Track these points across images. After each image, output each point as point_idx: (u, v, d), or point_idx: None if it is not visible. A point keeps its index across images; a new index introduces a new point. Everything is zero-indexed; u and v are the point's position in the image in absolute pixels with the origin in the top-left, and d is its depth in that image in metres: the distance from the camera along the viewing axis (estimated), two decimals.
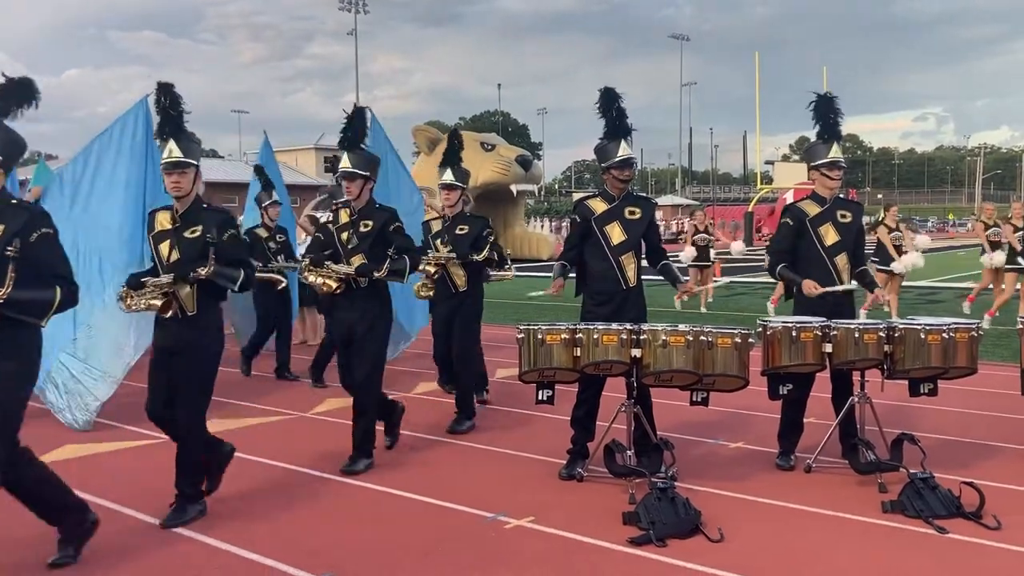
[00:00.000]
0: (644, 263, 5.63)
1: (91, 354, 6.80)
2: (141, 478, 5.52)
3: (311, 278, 5.64)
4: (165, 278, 4.60)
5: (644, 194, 7.05)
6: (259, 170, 9.36)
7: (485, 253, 6.98)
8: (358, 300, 5.58)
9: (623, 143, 5.46)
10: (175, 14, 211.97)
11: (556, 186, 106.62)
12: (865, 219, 7.14)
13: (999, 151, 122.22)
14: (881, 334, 5.18)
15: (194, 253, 4.60)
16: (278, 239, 9.01)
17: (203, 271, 4.52)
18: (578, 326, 5.09)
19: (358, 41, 72.32)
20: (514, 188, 29.95)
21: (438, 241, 7.08)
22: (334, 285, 5.54)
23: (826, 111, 5.69)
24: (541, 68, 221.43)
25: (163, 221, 4.78)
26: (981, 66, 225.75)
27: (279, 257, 8.92)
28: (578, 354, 5.05)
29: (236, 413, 7.43)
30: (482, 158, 28.97)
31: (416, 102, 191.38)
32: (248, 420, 7.18)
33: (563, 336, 5.05)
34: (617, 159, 5.43)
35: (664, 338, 4.95)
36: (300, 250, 10.21)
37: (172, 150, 4.66)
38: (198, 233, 4.63)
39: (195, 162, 4.74)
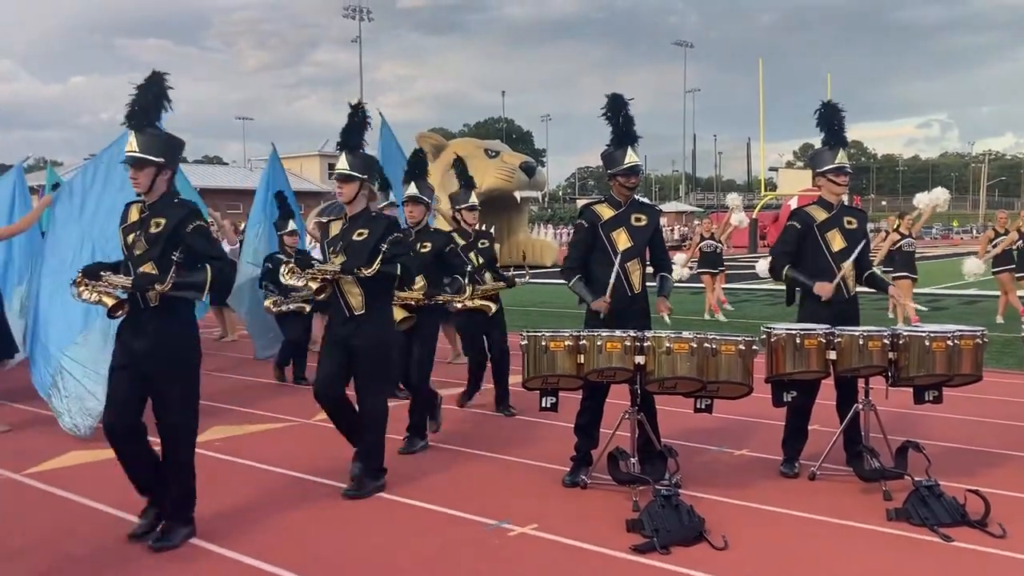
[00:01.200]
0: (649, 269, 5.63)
1: (93, 357, 6.77)
2: None
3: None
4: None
5: (649, 201, 6.99)
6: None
7: (376, 267, 5.21)
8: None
9: (630, 150, 5.45)
10: (181, 22, 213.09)
11: (560, 193, 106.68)
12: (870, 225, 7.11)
13: (1003, 158, 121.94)
14: (885, 341, 5.17)
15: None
16: None
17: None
18: (582, 333, 5.09)
19: (362, 48, 72.52)
20: (518, 195, 29.95)
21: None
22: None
23: (831, 118, 5.70)
24: (545, 75, 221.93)
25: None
26: (985, 73, 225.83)
27: None
28: (582, 361, 5.04)
29: (239, 420, 7.43)
30: (486, 165, 28.99)
31: (420, 109, 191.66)
32: (251, 427, 7.18)
33: (567, 343, 5.05)
34: (624, 166, 5.43)
35: (668, 345, 4.95)
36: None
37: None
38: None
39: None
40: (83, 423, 6.65)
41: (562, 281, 5.71)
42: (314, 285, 5.25)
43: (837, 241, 5.57)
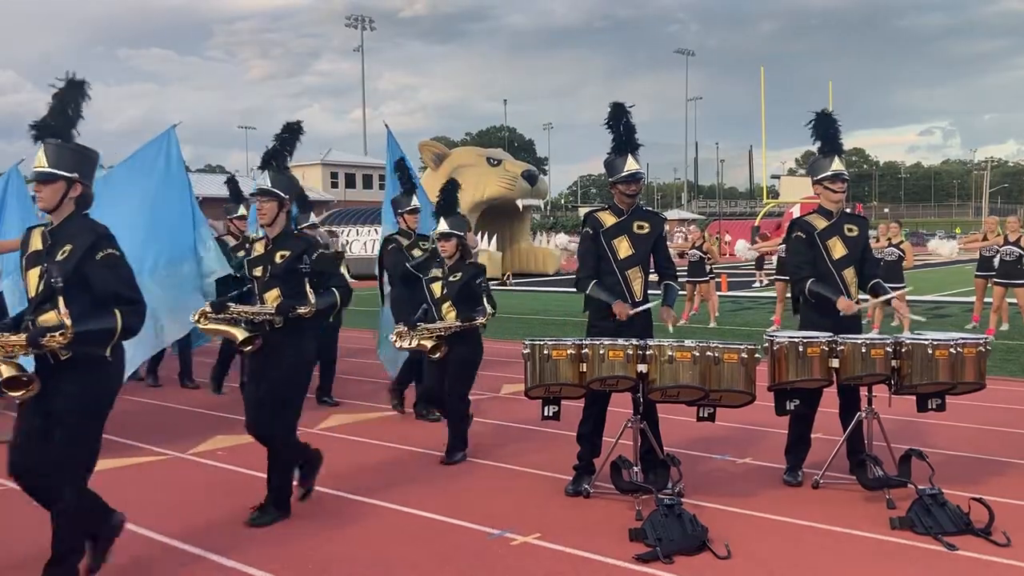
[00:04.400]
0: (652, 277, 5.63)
1: None
2: (145, 495, 5.51)
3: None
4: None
5: (654, 209, 6.98)
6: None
7: (312, 306, 4.85)
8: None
9: (631, 158, 5.46)
10: (184, 32, 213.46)
11: (562, 201, 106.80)
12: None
13: (1006, 165, 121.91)
14: (888, 349, 5.16)
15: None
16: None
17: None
18: (584, 341, 5.08)
19: (365, 58, 72.69)
20: (520, 203, 30.00)
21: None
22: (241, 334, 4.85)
23: (825, 127, 5.70)
24: (547, 84, 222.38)
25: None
26: (987, 80, 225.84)
27: None
28: (584, 370, 5.04)
29: (240, 429, 7.40)
30: (488, 173, 29.06)
31: (422, 118, 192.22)
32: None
33: (569, 351, 5.04)
34: (624, 173, 5.44)
35: (670, 353, 4.94)
36: None
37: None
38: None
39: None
40: None
41: (565, 290, 5.72)
42: (240, 334, 4.81)
43: (838, 249, 5.57)
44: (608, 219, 5.52)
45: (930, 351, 5.10)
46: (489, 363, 7.70)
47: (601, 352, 4.99)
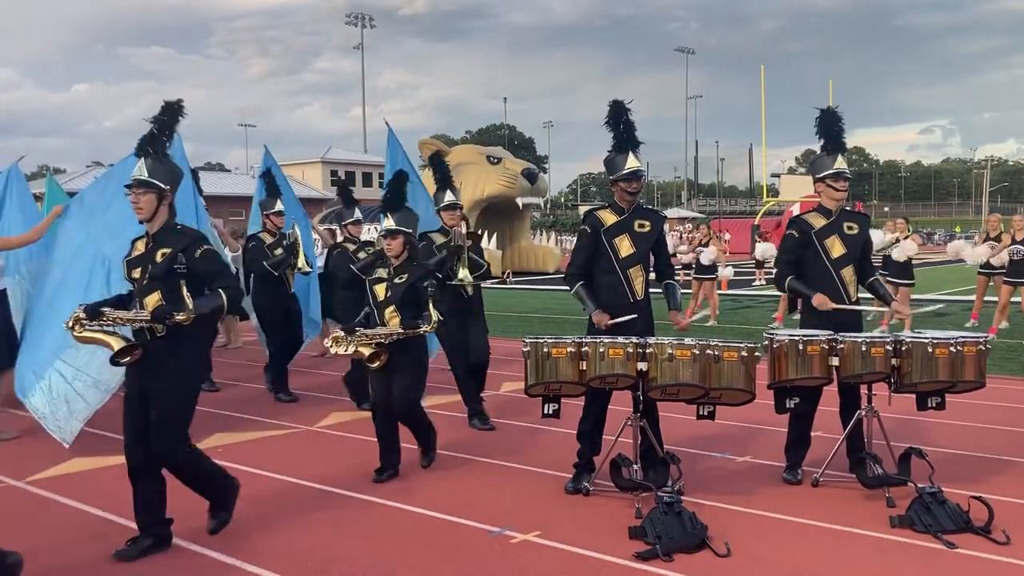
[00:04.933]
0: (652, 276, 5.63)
1: (87, 362, 6.70)
2: None
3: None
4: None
5: (654, 207, 6.99)
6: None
7: (190, 312, 4.33)
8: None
9: (631, 155, 5.45)
10: (184, 30, 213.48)
11: (562, 199, 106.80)
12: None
13: (1006, 164, 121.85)
14: (888, 347, 5.16)
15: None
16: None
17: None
18: (584, 339, 5.08)
19: (365, 55, 72.71)
20: (520, 201, 30.01)
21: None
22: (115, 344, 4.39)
23: (830, 124, 5.69)
24: (547, 82, 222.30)
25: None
26: (987, 79, 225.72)
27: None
28: (584, 368, 5.04)
29: (241, 427, 7.43)
30: (488, 171, 29.06)
31: (422, 116, 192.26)
32: (253, 434, 7.18)
33: (569, 350, 5.04)
34: (625, 171, 5.43)
35: (670, 352, 4.94)
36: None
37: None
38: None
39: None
40: (67, 426, 6.39)
41: (564, 288, 5.72)
42: (116, 344, 4.33)
43: (836, 247, 5.56)
44: (609, 218, 5.52)
45: (930, 349, 5.10)
46: (490, 361, 7.69)
47: (601, 350, 4.99)
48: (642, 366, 4.99)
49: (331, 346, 5.68)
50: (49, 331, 6.81)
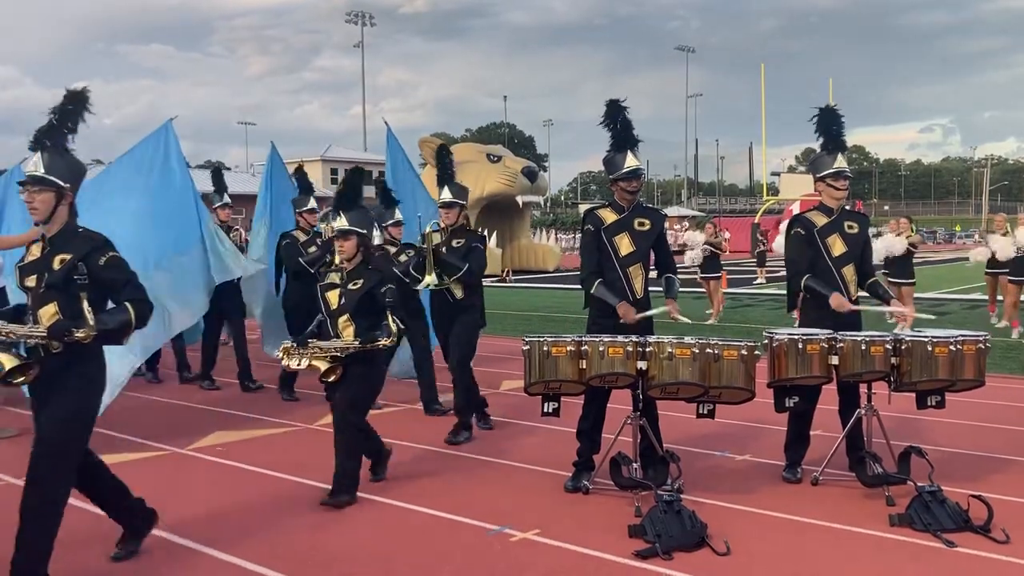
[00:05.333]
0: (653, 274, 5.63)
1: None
2: (146, 492, 5.49)
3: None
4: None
5: (654, 206, 6.99)
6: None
7: (91, 328, 3.90)
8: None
9: (630, 154, 5.45)
10: (184, 28, 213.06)
11: (562, 198, 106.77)
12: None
13: (1006, 162, 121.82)
14: (888, 346, 5.16)
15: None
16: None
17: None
18: (584, 338, 5.08)
19: (365, 54, 72.65)
20: (520, 200, 29.98)
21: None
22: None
23: (829, 123, 5.69)
24: (547, 80, 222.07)
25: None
26: (988, 78, 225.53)
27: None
28: (584, 366, 5.04)
29: (240, 425, 7.43)
30: (488, 169, 29.03)
31: (422, 114, 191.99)
32: (253, 432, 7.18)
33: (569, 348, 5.04)
34: (624, 170, 5.43)
35: (670, 350, 4.94)
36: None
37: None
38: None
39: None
40: None
41: (565, 286, 5.72)
42: (7, 362, 3.74)
43: (838, 246, 5.56)
44: (609, 216, 5.52)
45: (929, 348, 5.10)
46: (489, 360, 7.71)
47: (601, 349, 5.00)
48: (642, 365, 4.99)
49: (283, 359, 5.25)
50: None
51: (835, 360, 5.19)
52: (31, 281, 3.93)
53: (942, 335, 5.22)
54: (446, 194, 6.99)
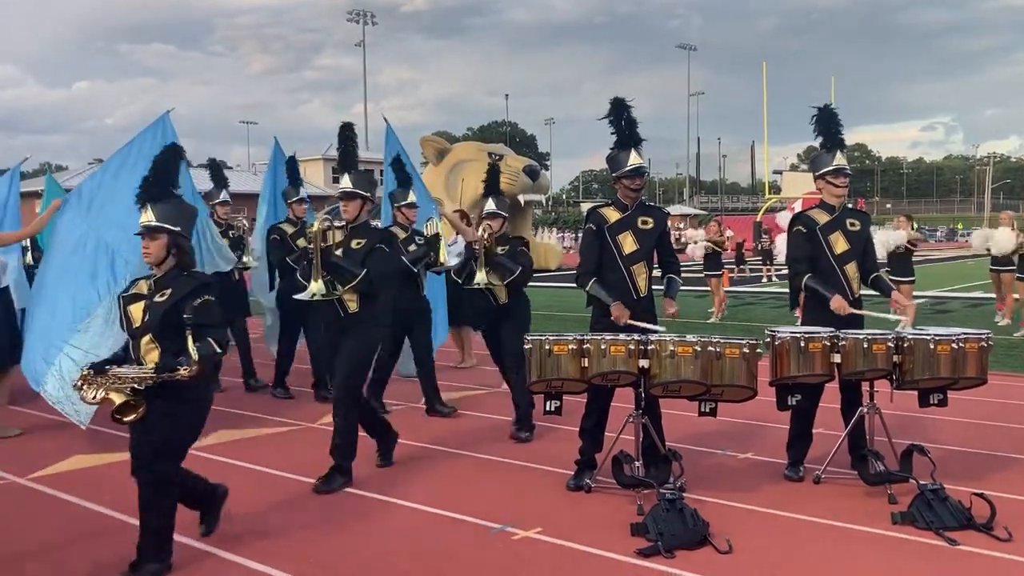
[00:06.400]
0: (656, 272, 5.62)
1: (95, 344, 6.67)
2: None
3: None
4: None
5: (656, 204, 6.99)
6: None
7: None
8: None
9: (633, 152, 5.45)
10: (185, 26, 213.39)
11: (564, 196, 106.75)
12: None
13: (1008, 160, 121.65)
14: (890, 344, 5.16)
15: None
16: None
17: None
18: (586, 336, 5.08)
19: (366, 53, 72.62)
20: (521, 198, 29.90)
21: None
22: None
23: (827, 122, 5.69)
24: (549, 79, 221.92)
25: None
26: (990, 75, 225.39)
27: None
28: (586, 364, 5.04)
29: (244, 424, 7.44)
30: None
31: (424, 113, 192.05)
32: (254, 431, 7.19)
33: (570, 346, 5.04)
34: (628, 168, 5.43)
35: (672, 348, 4.94)
36: None
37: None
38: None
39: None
40: (83, 407, 6.32)
41: (567, 285, 5.71)
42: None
43: (840, 244, 5.56)
44: (612, 215, 5.52)
45: (932, 346, 5.10)
46: (490, 358, 7.68)
47: (603, 347, 4.99)
48: (644, 363, 4.98)
49: (81, 388, 4.14)
50: (54, 318, 6.82)
51: (837, 358, 5.18)
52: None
53: (944, 333, 5.21)
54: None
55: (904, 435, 6.13)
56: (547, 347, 5.05)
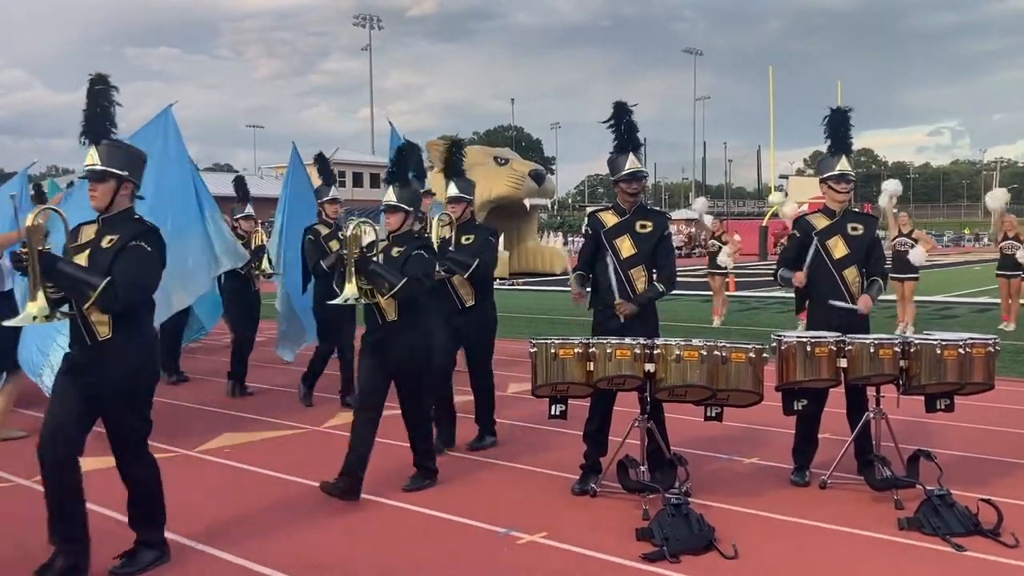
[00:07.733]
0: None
1: None
2: None
3: None
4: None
5: (658, 208, 6.97)
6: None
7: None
8: None
9: (631, 156, 5.46)
10: (191, 30, 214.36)
11: (569, 200, 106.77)
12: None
13: (1015, 165, 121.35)
14: (896, 349, 5.14)
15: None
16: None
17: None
18: (591, 340, 5.08)
19: (372, 57, 72.74)
20: (527, 202, 29.93)
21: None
22: None
23: (838, 125, 5.69)
24: (555, 83, 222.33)
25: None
26: (997, 80, 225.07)
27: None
28: (591, 369, 5.03)
29: (248, 427, 7.44)
30: (495, 172, 28.98)
31: (429, 117, 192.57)
32: (260, 434, 7.19)
33: (576, 350, 5.04)
34: (625, 172, 5.43)
35: (678, 353, 4.93)
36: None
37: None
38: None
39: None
40: None
41: (570, 289, 5.70)
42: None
43: (839, 248, 5.55)
44: (610, 219, 5.52)
45: (939, 351, 5.08)
46: (496, 362, 7.68)
47: (608, 351, 4.99)
48: (649, 367, 4.98)
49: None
50: None
51: (843, 363, 5.17)
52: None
53: (951, 338, 5.20)
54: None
55: (911, 440, 6.11)
56: (552, 351, 5.05)
